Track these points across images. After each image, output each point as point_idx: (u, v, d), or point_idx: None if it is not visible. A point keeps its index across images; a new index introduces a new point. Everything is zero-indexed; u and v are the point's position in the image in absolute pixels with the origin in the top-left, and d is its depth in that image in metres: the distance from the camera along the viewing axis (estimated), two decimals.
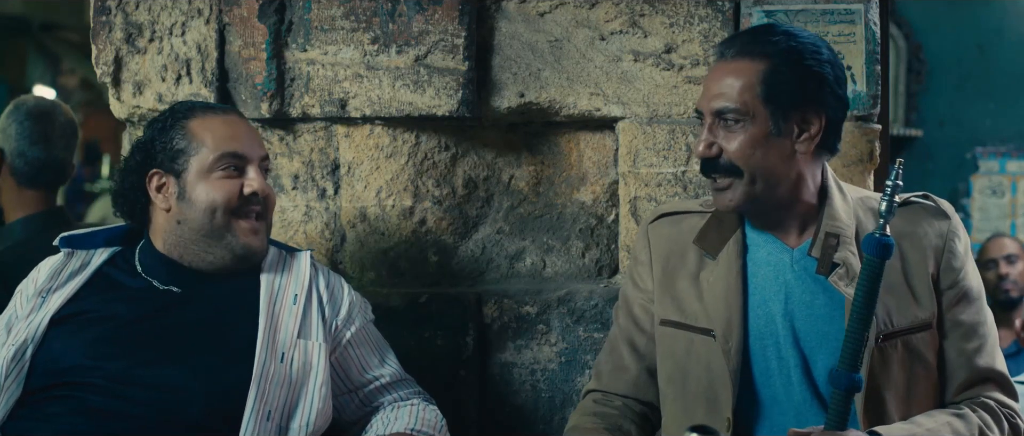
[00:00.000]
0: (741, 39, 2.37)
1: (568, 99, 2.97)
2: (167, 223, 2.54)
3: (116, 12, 2.96)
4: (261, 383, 2.42)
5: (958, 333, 2.38)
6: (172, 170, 2.52)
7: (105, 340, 2.44)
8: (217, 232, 2.52)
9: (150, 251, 2.58)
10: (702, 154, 2.34)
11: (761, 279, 2.39)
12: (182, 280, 2.54)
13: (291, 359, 2.48)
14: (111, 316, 2.48)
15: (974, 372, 2.38)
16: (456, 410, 2.97)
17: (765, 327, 2.37)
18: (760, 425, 2.37)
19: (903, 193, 2.47)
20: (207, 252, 2.53)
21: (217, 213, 2.50)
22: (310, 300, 2.59)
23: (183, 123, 2.54)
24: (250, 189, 2.53)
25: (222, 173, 2.52)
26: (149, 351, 2.43)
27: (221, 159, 2.52)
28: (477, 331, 2.98)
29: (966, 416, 2.31)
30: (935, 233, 2.40)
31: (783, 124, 2.31)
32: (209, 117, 2.56)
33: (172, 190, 2.52)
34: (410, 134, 3.02)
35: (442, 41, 2.93)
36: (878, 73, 2.90)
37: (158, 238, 2.56)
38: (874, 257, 2.16)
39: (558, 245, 3.07)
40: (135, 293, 2.53)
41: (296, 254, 2.67)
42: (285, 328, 2.51)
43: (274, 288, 2.56)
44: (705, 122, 2.35)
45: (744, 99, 2.30)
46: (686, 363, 2.42)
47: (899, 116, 7.82)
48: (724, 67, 2.34)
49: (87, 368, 2.40)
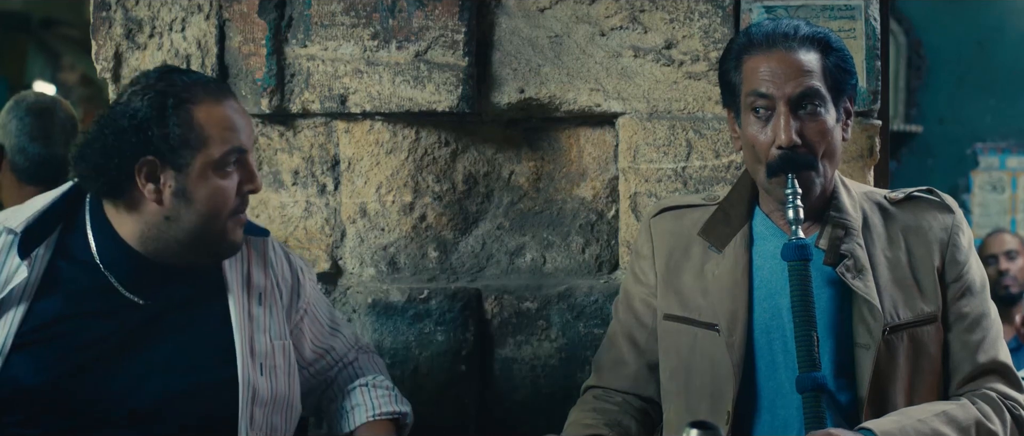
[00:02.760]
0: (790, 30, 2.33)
1: (568, 95, 2.96)
2: (152, 216, 2.27)
3: (116, 8, 2.96)
4: (250, 406, 2.33)
5: (962, 326, 2.38)
6: (172, 162, 2.24)
7: (71, 364, 2.25)
8: (211, 234, 2.30)
9: (112, 238, 2.30)
10: (789, 142, 2.28)
11: (767, 272, 2.39)
12: (148, 282, 2.31)
13: (271, 368, 2.40)
14: (73, 332, 2.27)
15: (977, 364, 2.38)
16: (456, 406, 2.98)
17: (771, 320, 2.37)
18: (763, 418, 2.37)
19: (905, 188, 2.49)
20: (189, 251, 2.31)
21: (219, 218, 2.29)
22: (276, 295, 2.47)
23: (187, 108, 2.24)
24: (251, 188, 2.33)
25: (226, 171, 2.28)
26: (122, 377, 2.27)
27: (227, 155, 2.27)
28: (477, 327, 2.99)
29: (963, 405, 2.31)
30: (939, 226, 2.41)
31: (838, 113, 2.35)
32: (213, 104, 2.27)
33: (168, 184, 2.25)
34: (410, 130, 3.02)
35: (442, 37, 2.93)
36: (878, 69, 2.90)
37: (128, 226, 2.30)
38: (795, 261, 2.26)
39: (558, 241, 3.07)
40: (95, 296, 2.29)
41: (253, 239, 2.47)
42: (259, 334, 2.40)
43: (241, 289, 2.40)
44: (779, 110, 2.30)
45: (823, 82, 2.31)
46: (690, 358, 2.41)
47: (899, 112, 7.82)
48: (789, 55, 2.31)
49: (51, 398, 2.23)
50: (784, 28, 2.35)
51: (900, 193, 2.46)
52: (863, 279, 2.30)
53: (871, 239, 2.37)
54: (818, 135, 2.30)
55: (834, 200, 2.38)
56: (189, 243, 2.30)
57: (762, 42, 2.34)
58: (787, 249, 2.27)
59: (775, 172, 2.31)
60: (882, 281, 2.33)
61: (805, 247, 2.25)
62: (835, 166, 2.37)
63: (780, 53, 2.32)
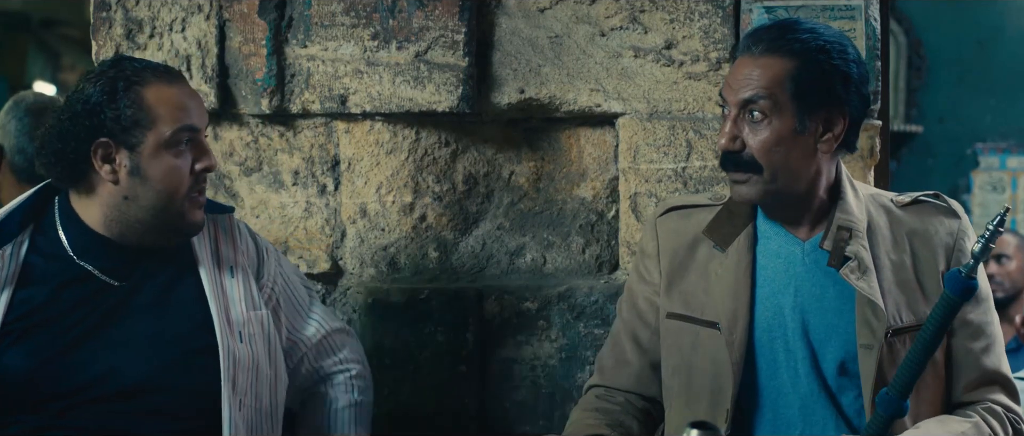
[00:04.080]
0: (769, 35, 2.32)
1: (568, 95, 2.96)
2: (111, 197, 2.36)
3: (116, 8, 2.96)
4: (231, 371, 2.39)
5: (966, 332, 2.38)
6: (125, 142, 2.33)
7: (56, 348, 2.33)
8: (169, 213, 2.37)
9: (80, 228, 2.39)
10: (725, 147, 2.30)
11: (771, 271, 2.39)
12: (121, 264, 2.40)
13: (250, 335, 2.46)
14: (55, 318, 2.35)
15: (981, 372, 2.38)
16: (456, 406, 2.98)
17: (774, 319, 2.37)
18: (764, 417, 2.37)
19: (911, 193, 2.48)
20: (151, 231, 2.38)
21: (175, 196, 2.36)
22: (246, 266, 2.53)
23: (137, 90, 2.33)
24: (205, 165, 2.40)
25: (178, 149, 2.35)
26: (107, 356, 2.34)
27: (178, 133, 2.34)
28: (477, 327, 2.99)
29: (978, 425, 2.31)
30: (945, 231, 2.40)
31: (808, 123, 2.29)
32: (162, 86, 2.36)
33: (123, 163, 2.33)
34: (410, 130, 3.02)
35: (442, 37, 2.93)
36: (878, 69, 2.90)
37: (92, 212, 2.39)
38: (955, 296, 2.11)
39: (558, 241, 3.07)
40: (74, 285, 2.38)
41: (218, 217, 2.55)
42: (234, 305, 2.46)
43: (211, 263, 2.48)
44: (729, 114, 2.32)
45: (773, 92, 2.27)
46: (692, 357, 2.41)
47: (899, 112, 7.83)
48: (752, 61, 2.30)
49: (41, 382, 2.31)
50: (759, 32, 2.35)
51: (907, 197, 2.45)
52: (867, 280, 2.30)
53: (876, 241, 2.36)
54: (760, 144, 2.29)
55: (841, 201, 2.37)
56: (150, 222, 2.38)
57: (741, 45, 2.37)
58: (955, 281, 2.12)
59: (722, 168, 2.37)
60: (886, 284, 2.33)
61: (972, 289, 2.12)
62: (798, 179, 2.33)
63: (744, 58, 2.33)
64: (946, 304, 2.11)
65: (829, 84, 2.29)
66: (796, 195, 2.35)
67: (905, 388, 2.14)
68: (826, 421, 2.35)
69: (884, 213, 2.42)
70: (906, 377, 2.14)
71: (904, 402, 2.15)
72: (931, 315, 2.12)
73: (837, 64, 2.29)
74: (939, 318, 2.12)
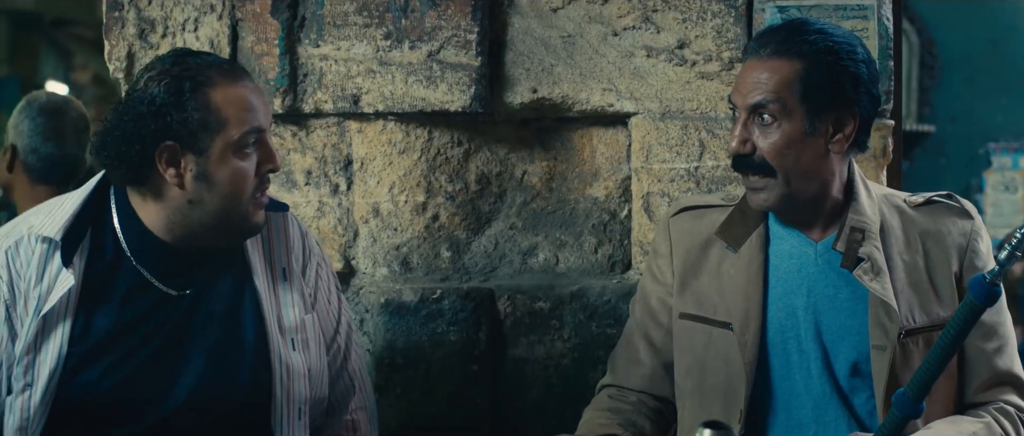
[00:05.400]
0: (777, 37, 2.32)
1: (581, 95, 2.96)
2: (175, 201, 2.28)
3: (129, 8, 2.96)
4: (285, 381, 2.37)
5: (979, 333, 2.37)
6: (192, 146, 2.24)
7: (126, 367, 2.29)
8: (233, 216, 2.30)
9: (138, 229, 2.33)
10: (736, 150, 2.31)
11: (784, 272, 2.39)
12: (179, 271, 2.34)
13: (302, 341, 2.43)
14: (126, 333, 2.31)
15: (994, 373, 2.38)
16: (469, 406, 2.98)
17: (786, 320, 2.37)
18: (777, 417, 2.37)
19: (924, 193, 2.47)
20: (211, 233, 2.32)
21: (240, 199, 2.29)
22: (297, 269, 2.49)
23: (204, 91, 2.24)
24: (271, 167, 2.33)
25: (245, 152, 2.28)
26: (170, 373, 2.31)
27: (246, 136, 2.27)
28: (490, 327, 2.99)
29: (990, 426, 2.31)
30: (958, 232, 2.40)
31: (818, 124, 2.29)
32: (229, 86, 2.27)
33: (189, 167, 2.25)
34: (423, 130, 3.02)
35: (455, 37, 2.93)
36: (891, 69, 2.89)
37: (153, 214, 2.31)
38: (979, 302, 2.06)
39: (571, 241, 3.07)
40: (138, 296, 2.32)
41: (273, 215, 2.47)
42: (286, 310, 2.43)
43: (264, 268, 2.44)
44: (739, 118, 2.32)
45: (782, 95, 2.27)
46: (704, 357, 2.42)
47: (912, 112, 7.82)
48: (760, 64, 2.31)
49: (112, 402, 2.28)
50: (767, 34, 2.36)
51: (920, 197, 2.45)
52: (880, 281, 2.30)
53: (889, 242, 2.36)
54: (770, 147, 2.29)
55: (854, 202, 2.37)
56: (213, 226, 2.31)
57: (750, 48, 2.37)
58: (979, 287, 2.05)
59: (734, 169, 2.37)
60: (898, 284, 2.33)
61: (996, 295, 2.07)
62: (811, 181, 2.33)
63: (753, 61, 2.33)
64: (969, 309, 2.08)
65: (838, 85, 2.29)
66: (809, 196, 2.35)
67: (922, 390, 2.12)
68: (838, 422, 2.35)
69: (897, 213, 2.41)
70: (924, 379, 2.12)
71: (920, 404, 2.14)
72: (953, 319, 2.10)
73: (846, 65, 2.29)
74: (961, 323, 2.09)
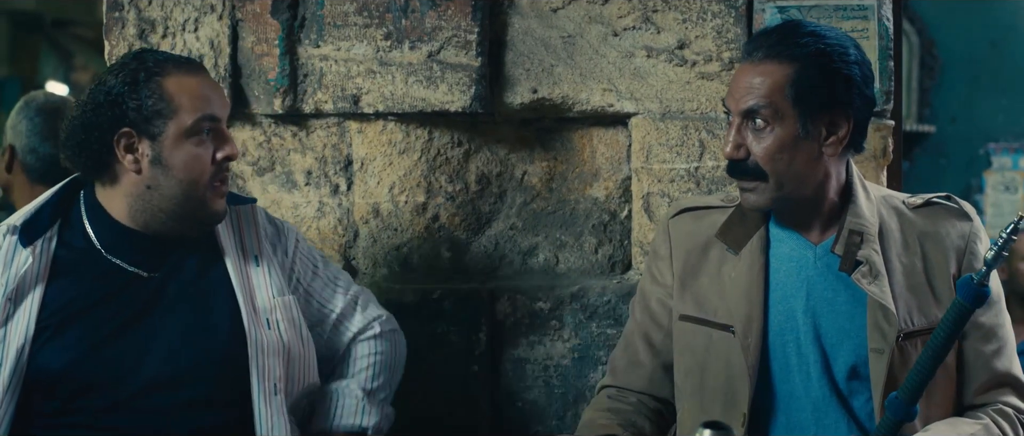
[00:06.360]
0: (768, 40, 2.32)
1: (581, 95, 2.96)
2: (135, 187, 2.39)
3: (129, 8, 2.96)
4: (259, 358, 2.42)
5: (978, 335, 2.37)
6: (147, 132, 2.36)
7: (92, 343, 2.36)
8: (192, 201, 2.40)
9: (106, 221, 2.43)
10: (730, 155, 2.31)
11: (783, 275, 2.39)
12: (148, 256, 2.43)
13: (277, 321, 2.49)
14: (88, 312, 2.38)
15: (992, 375, 2.38)
16: (469, 406, 2.98)
17: (786, 323, 2.37)
18: (777, 421, 2.37)
19: (923, 194, 2.47)
20: (174, 220, 2.42)
21: (197, 185, 2.39)
22: (270, 254, 2.57)
23: (158, 80, 2.37)
24: (225, 154, 2.42)
25: (199, 138, 2.39)
26: (142, 349, 2.38)
27: (199, 122, 2.38)
28: (490, 327, 2.99)
29: (988, 427, 2.31)
30: (957, 234, 2.40)
31: (811, 127, 2.29)
32: (183, 76, 2.40)
33: (145, 153, 2.37)
34: (423, 130, 3.02)
35: (455, 37, 2.93)
36: (891, 69, 2.89)
37: (117, 203, 2.42)
38: (966, 303, 2.08)
39: (571, 241, 3.07)
40: (105, 278, 2.41)
41: (242, 208, 2.59)
42: (259, 291, 2.50)
43: (236, 253, 2.52)
44: (733, 122, 2.32)
45: (774, 100, 2.27)
46: (705, 359, 2.41)
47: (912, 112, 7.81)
48: (752, 68, 2.31)
49: (79, 378, 2.34)
50: (760, 38, 2.36)
51: (919, 199, 2.44)
52: (879, 284, 2.29)
53: (887, 244, 2.36)
54: (763, 152, 2.29)
55: (852, 205, 2.37)
56: (173, 211, 2.41)
57: (743, 51, 2.38)
58: (967, 288, 2.08)
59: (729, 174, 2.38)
60: (897, 287, 2.32)
61: (984, 297, 2.10)
62: (805, 183, 2.33)
63: (745, 65, 2.34)
64: (957, 311, 2.10)
65: (830, 87, 2.29)
66: (805, 199, 2.35)
67: (915, 393, 2.13)
68: (838, 424, 2.35)
69: (896, 215, 2.41)
70: (916, 382, 2.12)
71: (913, 407, 2.14)
72: (942, 321, 2.11)
73: (838, 67, 2.29)
74: (950, 325, 2.10)
